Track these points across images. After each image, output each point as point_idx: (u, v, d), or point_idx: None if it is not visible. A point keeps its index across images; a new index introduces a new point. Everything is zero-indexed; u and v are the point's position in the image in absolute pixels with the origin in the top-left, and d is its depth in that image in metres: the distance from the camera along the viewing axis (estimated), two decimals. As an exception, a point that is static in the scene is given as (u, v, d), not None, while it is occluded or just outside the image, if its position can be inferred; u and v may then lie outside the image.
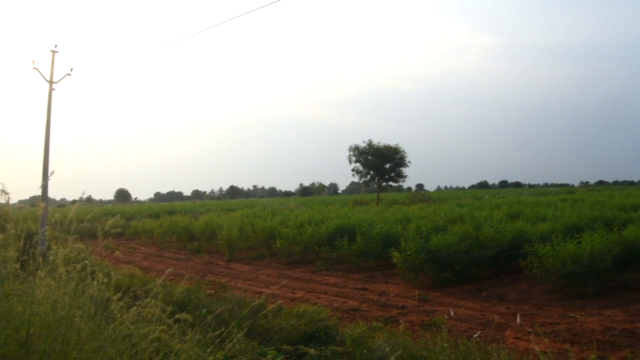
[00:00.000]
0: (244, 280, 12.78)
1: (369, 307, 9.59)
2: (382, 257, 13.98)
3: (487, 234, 12.39)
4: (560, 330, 7.55)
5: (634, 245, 10.80)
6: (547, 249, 10.14)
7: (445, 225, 15.05)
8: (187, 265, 15.74)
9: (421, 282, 11.55)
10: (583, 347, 6.79)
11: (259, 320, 6.25)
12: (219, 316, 5.97)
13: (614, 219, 15.03)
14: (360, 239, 14.04)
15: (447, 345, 5.32)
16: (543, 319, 8.35)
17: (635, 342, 6.86)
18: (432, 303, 9.78)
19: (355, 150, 42.56)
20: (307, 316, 6.55)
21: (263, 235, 17.66)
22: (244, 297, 7.60)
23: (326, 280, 12.55)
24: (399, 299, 10.17)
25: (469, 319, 8.46)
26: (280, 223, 18.16)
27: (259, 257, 16.88)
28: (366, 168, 42.61)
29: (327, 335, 6.27)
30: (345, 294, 10.83)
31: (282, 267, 14.94)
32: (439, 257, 11.24)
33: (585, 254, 9.73)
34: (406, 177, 44.20)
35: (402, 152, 42.88)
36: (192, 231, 20.99)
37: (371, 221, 16.62)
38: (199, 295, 7.82)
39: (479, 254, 11.60)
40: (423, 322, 8.23)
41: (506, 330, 7.69)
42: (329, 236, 15.54)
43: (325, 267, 14.20)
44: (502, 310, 8.98)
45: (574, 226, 13.71)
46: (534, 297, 10.00)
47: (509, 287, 11.02)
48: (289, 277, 13.06)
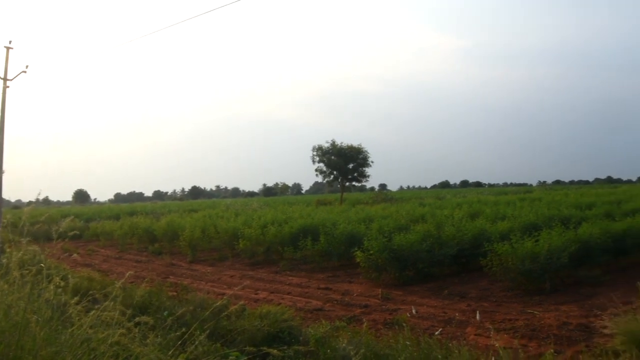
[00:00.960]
0: (207, 282, 12.64)
1: (333, 307, 9.61)
2: (345, 256, 14.03)
3: (448, 233, 12.57)
4: (519, 326, 7.72)
5: (589, 242, 11.12)
6: (506, 247, 10.35)
7: (407, 225, 15.19)
8: (149, 268, 15.47)
9: (384, 281, 11.64)
10: (541, 342, 6.96)
11: (222, 322, 6.20)
12: (181, 318, 5.89)
13: (570, 217, 15.47)
14: (324, 238, 14.06)
15: (409, 343, 5.38)
16: (502, 315, 8.52)
17: (590, 336, 7.06)
18: (395, 302, 9.86)
19: (319, 151, 42.69)
20: (271, 317, 6.52)
21: (226, 236, 17.50)
22: (206, 299, 7.52)
23: (290, 280, 12.52)
24: (362, 298, 10.22)
25: (431, 316, 8.57)
26: (243, 223, 18.03)
27: (221, 258, 16.72)
28: (329, 168, 42.80)
29: (291, 336, 6.26)
30: (309, 294, 10.83)
31: (246, 267, 14.84)
32: (402, 256, 11.35)
33: (543, 251, 9.97)
34: (369, 177, 44.68)
35: (365, 152, 43.24)
36: (154, 232, 20.63)
37: (334, 221, 16.67)
38: (160, 297, 7.69)
39: (441, 253, 11.75)
40: (386, 321, 8.29)
41: (467, 327, 7.81)
42: (293, 236, 15.50)
43: (289, 268, 14.17)
44: (463, 308, 9.12)
45: (532, 225, 14.04)
46: (494, 294, 10.20)
47: (470, 284, 11.21)
48: (252, 278, 12.98)
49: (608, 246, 11.58)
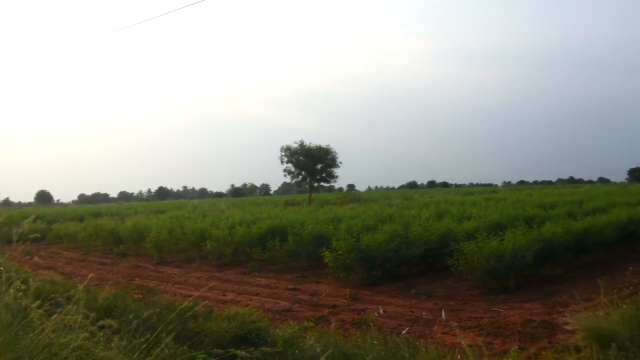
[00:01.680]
0: (174, 284, 12.49)
1: (301, 307, 9.60)
2: (313, 257, 14.03)
3: (415, 233, 12.69)
4: (484, 324, 7.84)
5: (551, 241, 11.37)
6: (472, 246, 10.50)
7: (375, 225, 15.28)
8: (114, 270, 15.20)
9: (352, 281, 11.68)
10: (505, 339, 7.08)
11: (189, 324, 6.12)
12: (146, 321, 5.80)
13: (534, 216, 15.78)
14: (292, 239, 14.04)
15: (376, 343, 5.41)
16: (468, 313, 8.64)
17: (552, 332, 7.22)
18: (363, 301, 9.91)
19: (287, 151, 42.67)
20: (239, 318, 6.47)
21: (193, 237, 17.32)
22: (173, 301, 7.41)
23: (258, 281, 12.47)
24: (331, 298, 10.24)
25: (399, 316, 8.64)
26: (211, 224, 17.87)
27: (189, 260, 16.53)
28: (298, 169, 42.82)
29: (259, 337, 6.22)
30: (277, 295, 10.80)
31: (213, 269, 14.71)
32: (370, 256, 11.41)
33: (508, 250, 10.15)
34: (337, 178, 44.87)
35: (333, 152, 43.44)
36: (119, 234, 20.25)
37: (303, 221, 16.66)
38: (125, 300, 7.55)
39: (408, 253, 11.86)
40: (354, 321, 8.32)
41: (434, 326, 7.90)
42: (261, 237, 15.43)
43: (257, 268, 14.10)
44: (430, 307, 9.22)
45: (497, 224, 14.28)
46: (460, 293, 10.34)
47: (437, 283, 11.34)
48: (220, 279, 12.88)
49: (570, 245, 11.85)
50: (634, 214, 15.46)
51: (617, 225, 13.88)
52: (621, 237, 14.17)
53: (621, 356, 5.05)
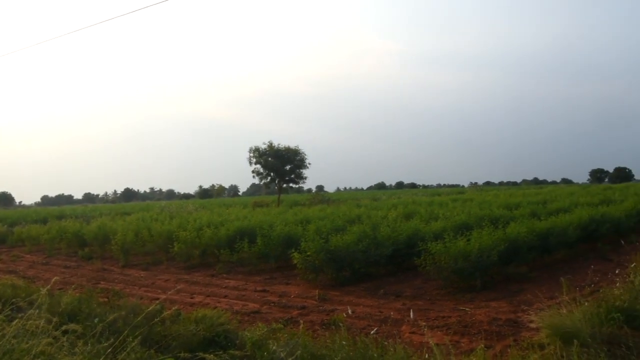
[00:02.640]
0: (140, 287, 12.30)
1: (270, 309, 9.56)
2: (282, 258, 14.00)
3: (384, 234, 12.76)
4: (451, 323, 7.93)
5: (516, 241, 11.57)
6: (439, 246, 10.62)
7: (344, 226, 15.32)
8: (78, 273, 14.88)
9: (321, 282, 11.69)
10: (472, 337, 7.18)
11: (156, 327, 6.03)
12: (112, 325, 5.70)
13: (499, 217, 16.07)
14: (261, 240, 13.98)
15: (345, 343, 5.42)
16: (436, 313, 8.73)
17: (517, 330, 7.35)
18: (332, 302, 9.92)
19: (256, 152, 42.41)
20: (207, 321, 6.41)
21: (160, 239, 17.09)
22: (139, 304, 7.30)
23: (226, 283, 12.37)
24: (300, 300, 10.23)
25: (367, 316, 8.68)
26: (178, 226, 17.66)
27: (156, 262, 16.30)
28: (266, 170, 42.58)
29: (227, 340, 6.17)
30: (246, 297, 10.73)
31: (181, 271, 14.54)
32: (338, 256, 11.43)
33: (474, 250, 10.30)
34: (306, 179, 44.73)
35: (302, 153, 43.34)
36: (84, 237, 19.82)
37: (271, 223, 16.61)
38: (90, 304, 7.39)
39: (376, 253, 11.92)
40: (323, 322, 8.33)
41: (402, 326, 7.96)
42: (229, 239, 15.33)
43: (225, 270, 13.99)
44: (399, 307, 9.29)
45: (464, 224, 14.48)
46: (428, 293, 10.45)
47: (405, 284, 11.43)
48: (188, 282, 12.74)
49: (534, 244, 12.09)
50: (595, 214, 15.86)
51: (579, 225, 14.23)
52: (583, 237, 14.53)
53: (583, 352, 5.17)
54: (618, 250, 14.65)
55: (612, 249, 14.87)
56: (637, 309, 6.82)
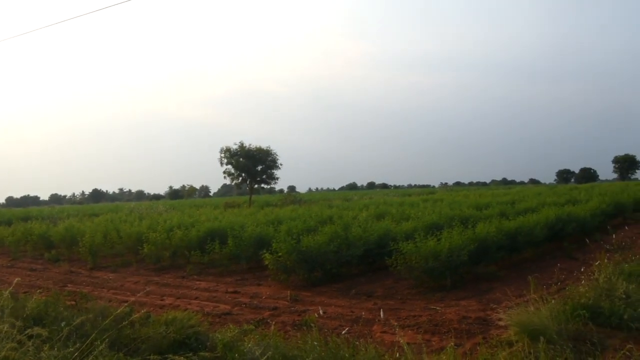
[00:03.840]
0: (109, 289, 12.10)
1: (241, 310, 9.51)
2: (254, 259, 13.94)
3: (355, 234, 12.80)
4: (422, 322, 8.00)
5: (485, 240, 11.73)
6: (410, 246, 10.70)
7: (315, 226, 15.32)
8: (44, 276, 14.57)
9: (293, 283, 11.68)
10: (442, 336, 7.25)
11: (125, 330, 5.95)
12: (80, 328, 5.60)
13: (469, 217, 16.26)
14: (232, 241, 13.89)
15: (317, 344, 5.42)
16: (407, 312, 8.80)
17: (487, 328, 7.45)
18: (304, 303, 9.91)
19: (227, 152, 42.16)
20: (177, 323, 6.33)
21: (130, 240, 16.83)
22: (108, 307, 7.17)
23: (197, 285, 12.26)
24: (271, 301, 10.19)
25: (339, 316, 8.69)
26: (148, 227, 17.43)
27: (125, 264, 16.06)
28: (238, 170, 42.36)
29: (198, 342, 6.11)
30: (217, 298, 10.65)
31: (151, 273, 14.35)
32: (310, 257, 11.43)
33: (444, 250, 10.41)
34: (278, 179, 44.65)
35: (273, 154, 43.26)
36: (50, 238, 19.38)
37: (243, 223, 16.51)
38: (57, 307, 7.24)
39: (348, 253, 11.95)
40: (295, 322, 8.32)
41: (374, 325, 7.99)
42: (200, 240, 15.18)
43: (196, 272, 13.87)
44: (370, 307, 9.33)
45: (435, 224, 14.61)
46: (399, 292, 10.52)
47: (376, 283, 11.49)
48: (158, 284, 12.58)
49: (503, 243, 12.28)
50: (561, 214, 16.18)
51: (546, 225, 14.50)
52: (550, 236, 14.83)
53: (550, 349, 5.27)
54: (583, 249, 14.98)
55: (578, 248, 15.20)
56: (601, 306, 6.99)
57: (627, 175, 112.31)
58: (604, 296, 7.28)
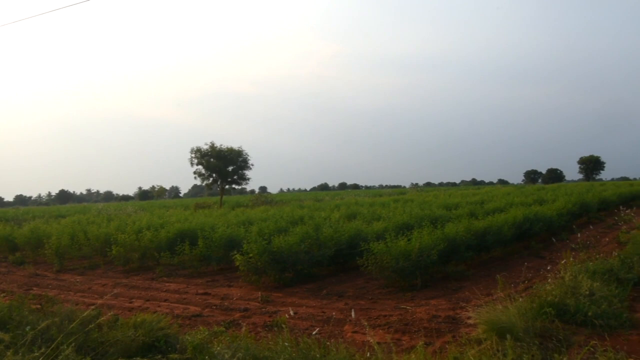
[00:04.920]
0: (76, 292, 11.86)
1: (212, 312, 9.42)
2: (224, 260, 13.85)
3: (326, 234, 12.81)
4: (393, 322, 8.05)
5: (455, 240, 11.88)
6: (381, 246, 10.76)
7: (287, 227, 15.30)
8: (8, 279, 14.20)
9: (264, 284, 11.63)
10: (413, 335, 7.31)
11: (92, 334, 5.83)
12: (45, 333, 5.49)
13: (439, 217, 16.45)
14: (202, 243, 13.77)
15: (288, 345, 5.41)
16: (378, 312, 8.84)
17: (456, 327, 7.53)
18: (275, 304, 9.88)
19: (197, 153, 41.82)
20: (146, 325, 6.24)
21: (97, 242, 16.54)
22: (74, 310, 7.02)
23: (167, 287, 12.11)
24: (242, 302, 10.13)
25: (310, 317, 8.69)
26: (116, 229, 17.17)
27: (93, 267, 15.78)
28: (209, 171, 42.06)
29: (168, 344, 6.03)
30: (187, 300, 10.54)
31: (119, 275, 14.12)
32: (281, 258, 11.40)
33: (415, 249, 10.49)
34: (249, 180, 44.47)
35: (245, 154, 43.08)
36: (15, 241, 18.94)
37: (213, 224, 16.40)
38: (21, 311, 7.06)
39: (319, 254, 11.96)
40: (266, 324, 8.28)
41: (345, 325, 8.01)
42: (170, 241, 15.02)
43: (166, 274, 13.70)
44: (341, 307, 9.35)
45: (405, 224, 14.74)
46: (370, 292, 10.57)
47: (347, 284, 11.52)
48: (127, 286, 12.39)
49: (472, 243, 12.45)
50: (529, 213, 16.48)
51: (514, 224, 14.77)
52: (518, 235, 15.11)
53: (517, 346, 5.36)
54: (550, 247, 15.31)
55: (545, 247, 15.52)
56: (567, 303, 7.14)
57: (592, 175, 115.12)
58: (569, 294, 7.43)
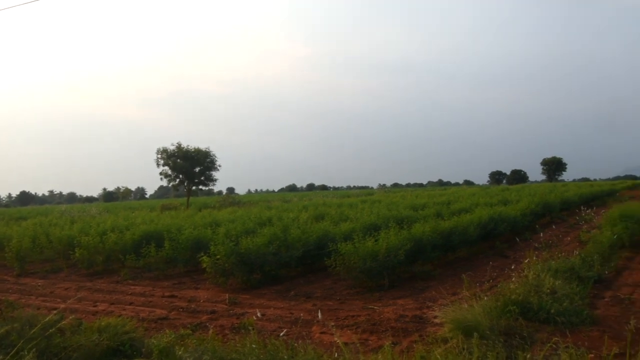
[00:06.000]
0: (38, 296, 11.57)
1: (178, 315, 9.31)
2: (191, 262, 13.70)
3: (294, 235, 12.80)
4: (360, 322, 8.08)
5: (422, 240, 12.00)
6: (349, 247, 10.80)
7: (254, 228, 15.24)
8: (-34, 284, 13.79)
9: (231, 286, 11.55)
10: (380, 335, 7.35)
11: (55, 339, 5.71)
12: (5, 338, 5.34)
13: (406, 217, 16.60)
14: (169, 244, 13.60)
15: (255, 347, 5.38)
16: (346, 312, 8.87)
17: (423, 326, 7.61)
18: (243, 306, 9.82)
19: (164, 153, 41.26)
20: (110, 329, 6.14)
21: (60, 245, 16.17)
22: (36, 315, 6.86)
23: (132, 289, 11.91)
24: (209, 304, 10.04)
25: (278, 318, 8.66)
26: (80, 231, 16.82)
27: (55, 270, 15.42)
28: (175, 172, 41.56)
29: (133, 348, 5.95)
30: (153, 303, 10.39)
31: (83, 278, 13.84)
32: (249, 259, 11.34)
33: (382, 250, 10.56)
34: (216, 181, 44.12)
35: (212, 155, 42.74)
36: (-28, 244, 18.42)
37: (180, 226, 16.21)
38: (-21, 317, 6.87)
39: (287, 255, 11.94)
40: (233, 326, 8.22)
41: (313, 326, 8.01)
42: (135, 243, 14.78)
43: (131, 276, 13.47)
44: (309, 308, 9.35)
45: (373, 225, 14.82)
46: (338, 293, 10.59)
47: (315, 284, 11.53)
48: (91, 289, 12.15)
49: (438, 243, 12.60)
50: (493, 214, 16.78)
51: (479, 224, 15.01)
52: (483, 235, 15.36)
53: (482, 344, 5.44)
54: (514, 247, 15.62)
55: (509, 246, 15.83)
56: (530, 301, 7.29)
57: (555, 176, 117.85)
58: (532, 292, 7.59)
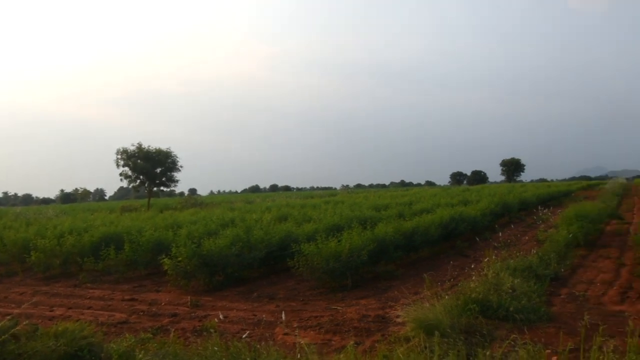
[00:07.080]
0: (-10, 302, 11.20)
1: (139, 319, 9.14)
2: (152, 265, 13.48)
3: (257, 236, 12.73)
4: (324, 322, 8.09)
5: (384, 240, 12.09)
6: (312, 247, 10.81)
7: (217, 230, 15.11)
8: None
9: (194, 288, 11.41)
10: (344, 335, 7.38)
11: (8, 345, 5.52)
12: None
13: (369, 218, 16.71)
14: (129, 247, 13.34)
15: (217, 349, 5.34)
16: (309, 313, 8.87)
17: (385, 326, 7.67)
18: (205, 308, 9.71)
19: (124, 154, 40.51)
20: (68, 335, 5.97)
21: (15, 248, 15.66)
22: (-12, 321, 6.64)
23: (91, 293, 11.64)
24: (171, 307, 9.90)
25: (241, 320, 8.60)
26: (36, 234, 16.33)
27: (9, 274, 14.94)
28: (135, 172, 40.86)
29: (92, 353, 5.80)
30: (113, 307, 10.17)
31: (39, 282, 13.45)
32: (211, 261, 11.22)
33: (345, 250, 10.60)
34: (178, 182, 43.58)
35: (173, 156, 42.19)
36: None
37: (140, 228, 15.92)
38: None
39: (250, 256, 11.86)
40: (195, 328, 8.13)
41: (276, 328, 7.98)
42: (94, 246, 14.44)
43: (90, 280, 13.16)
44: (272, 309, 9.31)
45: (336, 226, 14.86)
46: (301, 294, 10.59)
47: (279, 285, 11.50)
48: (47, 294, 11.82)
49: (401, 243, 12.72)
50: (454, 214, 17.03)
51: (440, 224, 15.22)
52: (444, 235, 15.58)
53: (444, 342, 5.52)
54: (474, 246, 15.90)
55: (469, 246, 16.11)
56: (490, 299, 7.43)
57: (513, 177, 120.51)
58: (492, 290, 7.74)
